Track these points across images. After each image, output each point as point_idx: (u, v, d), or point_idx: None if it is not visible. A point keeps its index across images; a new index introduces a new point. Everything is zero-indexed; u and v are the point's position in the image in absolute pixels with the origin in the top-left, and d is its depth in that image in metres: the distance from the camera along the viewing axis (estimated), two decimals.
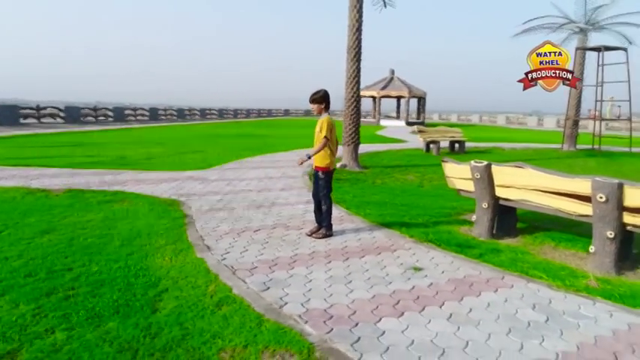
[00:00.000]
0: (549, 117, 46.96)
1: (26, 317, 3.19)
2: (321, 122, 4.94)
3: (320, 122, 4.95)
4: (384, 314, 3.21)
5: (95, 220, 5.76)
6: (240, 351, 2.76)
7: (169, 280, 3.87)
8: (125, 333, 2.99)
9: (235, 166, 10.85)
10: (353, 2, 10.85)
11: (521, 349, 2.76)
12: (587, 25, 17.50)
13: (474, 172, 5.32)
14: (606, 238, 4.29)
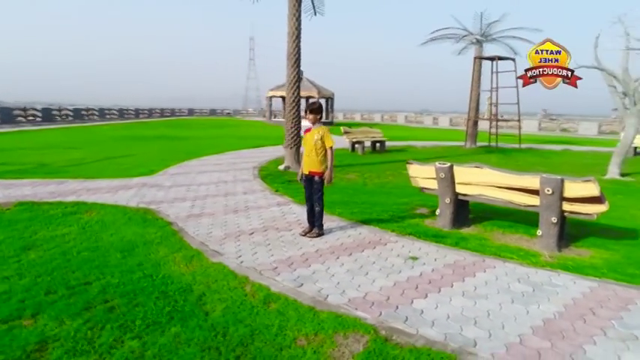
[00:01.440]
0: (444, 116, 51.47)
1: (82, 331, 3.26)
2: (322, 132, 5.38)
3: (321, 132, 5.39)
4: (412, 297, 3.82)
5: (73, 233, 5.60)
6: (314, 337, 3.18)
7: (201, 285, 4.09)
8: (195, 335, 3.23)
9: (180, 171, 10.73)
10: (292, 11, 11.32)
11: (528, 313, 3.54)
12: (482, 37, 19.87)
13: (439, 172, 6.16)
14: (551, 223, 5.35)
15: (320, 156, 5.40)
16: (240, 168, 11.56)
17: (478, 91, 20.17)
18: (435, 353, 2.93)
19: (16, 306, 3.62)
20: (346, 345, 3.06)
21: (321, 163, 5.43)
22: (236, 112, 77.01)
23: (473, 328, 3.29)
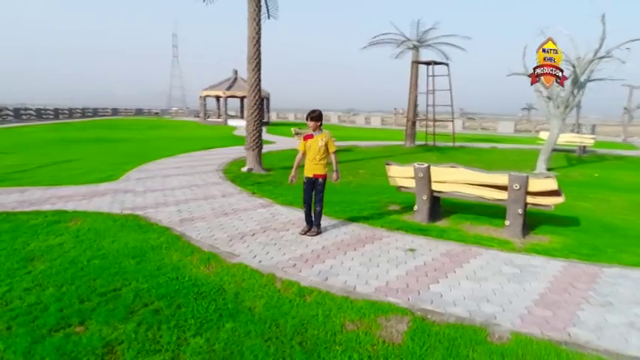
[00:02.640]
0: (375, 116, 53.46)
1: (141, 333, 3.43)
2: (326, 138, 5.77)
3: (325, 138, 5.78)
4: (426, 283, 4.37)
5: (69, 242, 5.53)
6: (359, 321, 3.62)
7: (232, 285, 4.35)
8: (250, 328, 3.53)
9: (143, 176, 10.54)
10: (252, 15, 11.51)
11: (525, 290, 4.23)
12: (418, 43, 21.20)
13: (418, 172, 6.81)
14: (517, 214, 6.19)
15: (324, 160, 5.80)
16: (204, 171, 11.56)
17: (416, 93, 21.47)
18: (468, 327, 3.49)
19: (58, 315, 3.67)
20: (391, 326, 3.53)
21: (325, 167, 5.83)
22: (164, 111, 74.30)
23: (488, 304, 3.90)
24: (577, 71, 12.34)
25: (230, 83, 43.46)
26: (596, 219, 7.73)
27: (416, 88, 21.37)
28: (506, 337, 3.35)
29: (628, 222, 7.67)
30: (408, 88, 21.46)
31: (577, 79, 12.51)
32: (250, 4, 11.47)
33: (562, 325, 3.56)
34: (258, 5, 11.51)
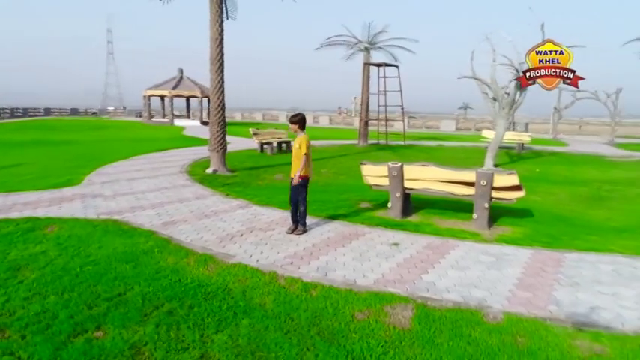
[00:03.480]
0: (324, 116, 54.11)
1: (163, 333, 3.54)
2: (300, 141, 5.99)
3: (299, 141, 6.00)
4: (418, 273, 4.76)
5: (53, 250, 5.41)
6: (368, 310, 3.92)
7: (236, 284, 4.50)
8: (267, 323, 3.74)
9: (106, 180, 10.24)
10: (215, 17, 11.49)
11: (504, 276, 4.72)
12: (370, 45, 21.88)
13: (392, 171, 7.23)
14: (484, 208, 6.77)
15: (300, 161, 6.04)
16: (168, 173, 11.40)
17: (368, 94, 22.14)
18: (465, 310, 3.89)
19: (71, 321, 3.67)
20: (397, 313, 3.87)
21: (305, 168, 6.07)
22: (102, 111, 70.74)
23: (476, 290, 4.34)
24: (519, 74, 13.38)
25: (175, 82, 42.33)
26: (546, 210, 8.53)
27: (368, 89, 22.03)
28: (500, 317, 3.78)
29: (574, 212, 8.54)
30: (361, 89, 22.09)
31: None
32: (212, 5, 11.44)
33: (543, 303, 4.06)
34: (220, 7, 11.51)
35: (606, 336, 3.51)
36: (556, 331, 3.56)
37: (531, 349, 3.34)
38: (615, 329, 3.61)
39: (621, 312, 3.92)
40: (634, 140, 32.41)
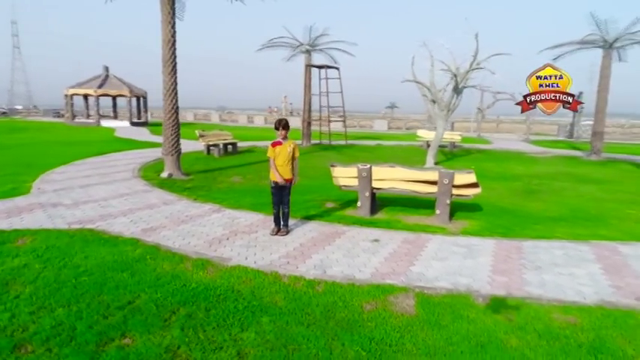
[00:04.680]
0: (259, 116, 53.85)
1: (191, 336, 3.71)
2: (292, 146, 6.26)
3: (291, 146, 6.27)
4: (406, 266, 5.24)
5: (36, 262, 5.25)
6: (374, 300, 4.33)
7: (242, 285, 4.71)
8: (286, 319, 4.02)
9: (59, 187, 9.72)
10: (167, 18, 11.30)
11: (480, 264, 5.35)
12: (311, 47, 22.34)
13: (361, 172, 7.70)
14: (446, 204, 7.45)
15: (290, 165, 6.31)
16: (121, 178, 11.04)
17: (310, 95, 22.59)
18: (458, 295, 4.43)
19: (93, 331, 3.71)
20: (401, 302, 4.31)
21: (291, 171, 6.35)
22: (13, 110, 64.84)
23: (460, 277, 4.91)
24: (457, 80, 14.52)
25: (101, 81, 40.06)
26: (492, 204, 9.46)
27: (310, 90, 22.48)
28: (489, 299, 4.36)
29: (514, 205, 9.54)
30: (303, 90, 22.48)
31: (457, 86, 14.72)
32: (164, 7, 11.24)
33: (518, 285, 4.71)
34: (172, 8, 11.34)
35: (574, 309, 4.20)
36: (536, 308, 4.19)
37: (520, 324, 3.92)
38: (580, 303, 4.32)
39: (581, 289, 4.66)
40: (544, 137, 35.95)
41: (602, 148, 19.27)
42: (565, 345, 3.59)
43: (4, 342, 3.52)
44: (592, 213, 8.82)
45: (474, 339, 3.67)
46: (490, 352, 3.49)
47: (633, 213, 8.89)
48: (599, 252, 5.91)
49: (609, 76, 18.93)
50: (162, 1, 11.26)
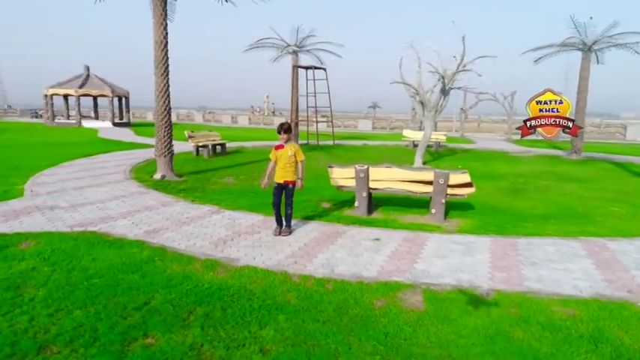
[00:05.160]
0: (243, 116, 53.67)
1: (212, 334, 3.82)
2: (295, 148, 6.40)
3: (294, 148, 6.41)
4: (410, 264, 5.43)
5: (43, 265, 5.27)
6: (383, 297, 4.50)
7: (254, 285, 4.83)
8: (302, 316, 4.16)
9: (51, 190, 9.63)
10: (159, 20, 11.29)
11: (478, 260, 5.58)
12: (298, 48, 22.47)
13: (359, 173, 7.88)
14: (441, 203, 7.69)
15: (293, 168, 6.44)
16: (114, 180, 10.99)
17: (297, 95, 22.70)
18: (463, 290, 4.64)
19: (115, 332, 3.79)
20: (409, 298, 4.50)
21: (294, 173, 6.48)
22: None
23: (463, 274, 5.12)
24: (445, 81, 14.85)
25: (82, 81, 39.42)
26: (482, 203, 9.74)
27: (297, 91, 22.59)
28: (491, 294, 4.58)
29: (503, 204, 9.85)
30: (290, 91, 22.58)
31: (445, 87, 15.04)
32: (156, 9, 11.23)
33: (517, 281, 4.95)
34: (164, 9, 11.33)
35: (572, 302, 4.45)
36: (537, 301, 4.43)
37: (523, 317, 4.15)
38: (577, 296, 4.58)
39: (576, 283, 4.93)
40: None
41: (582, 147, 19.89)
42: (567, 335, 3.83)
43: (29, 344, 3.57)
44: (578, 211, 9.17)
45: (482, 331, 3.87)
46: (499, 343, 3.69)
47: (616, 210, 9.28)
48: (590, 248, 6.21)
49: (588, 77, 19.55)
50: (154, 4, 11.25)
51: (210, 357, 3.48)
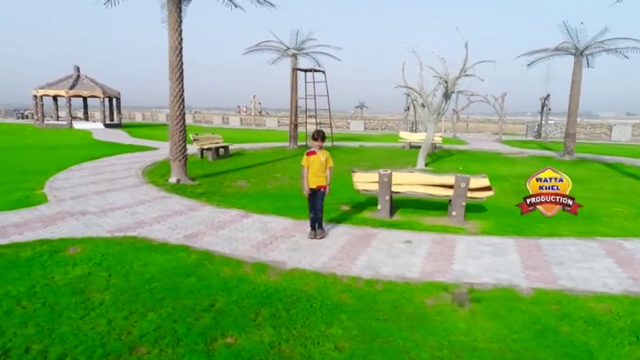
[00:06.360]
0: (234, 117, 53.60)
1: (286, 333, 4.10)
2: (326, 155, 6.70)
3: (325, 154, 6.70)
4: (447, 264, 5.78)
5: (98, 270, 5.48)
6: (433, 297, 4.83)
7: (307, 287, 5.10)
8: (363, 315, 4.46)
9: (75, 194, 9.75)
10: (174, 25, 11.45)
11: (510, 260, 5.95)
12: (297, 51, 22.71)
13: (383, 177, 8.21)
14: (461, 206, 8.07)
15: (324, 173, 6.74)
16: (131, 185, 11.13)
17: (296, 98, 22.96)
18: (504, 289, 5.00)
19: (194, 333, 4.04)
20: (457, 297, 4.83)
21: (325, 179, 6.78)
22: None
23: (499, 274, 5.49)
24: (448, 85, 15.28)
25: (72, 81, 39.02)
26: (492, 204, 10.16)
27: (297, 93, 22.85)
28: (530, 292, 4.95)
29: (512, 205, 10.27)
30: (290, 93, 22.82)
31: (447, 92, 15.48)
32: (171, 15, 11.39)
33: (551, 279, 5.33)
34: (179, 16, 11.50)
35: (606, 298, 4.84)
36: (575, 298, 4.81)
37: (566, 312, 4.52)
38: (608, 293, 4.97)
39: (605, 281, 5.33)
40: (513, 137, 37.72)
41: (574, 148, 20.56)
42: (609, 329, 4.20)
43: (118, 345, 3.80)
44: (584, 211, 9.62)
45: (532, 327, 4.23)
46: (550, 337, 4.05)
47: (619, 211, 9.79)
48: (607, 248, 6.64)
49: (580, 81, 20.24)
50: (169, 10, 11.40)
51: (290, 354, 3.76)
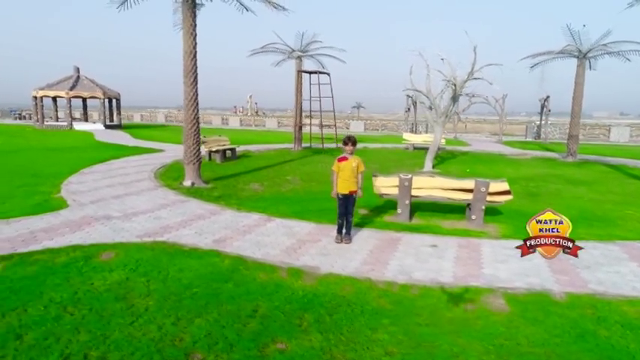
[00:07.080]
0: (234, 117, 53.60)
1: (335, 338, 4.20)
2: (358, 160, 6.81)
3: (356, 160, 6.82)
4: (478, 270, 5.89)
5: (135, 276, 5.55)
6: (470, 302, 4.94)
7: (344, 291, 5.21)
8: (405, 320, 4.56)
9: (92, 199, 9.80)
10: (189, 30, 11.52)
11: (536, 265, 6.07)
12: (302, 53, 22.81)
13: (403, 182, 8.32)
14: (481, 210, 8.20)
15: (356, 179, 6.85)
16: (146, 188, 11.19)
17: (301, 99, 23.05)
18: (537, 293, 5.12)
19: (244, 339, 4.13)
20: (493, 301, 4.95)
21: (356, 184, 6.89)
22: None
23: (529, 278, 5.61)
24: (456, 88, 15.43)
25: (73, 82, 38.91)
26: (507, 208, 10.28)
27: (301, 95, 22.94)
28: (564, 296, 5.07)
29: (526, 208, 10.41)
30: (294, 95, 22.91)
31: (455, 95, 15.63)
32: (186, 20, 11.46)
33: (581, 283, 5.46)
34: (194, 20, 11.57)
35: (638, 302, 4.97)
36: (608, 302, 4.94)
37: (601, 316, 4.65)
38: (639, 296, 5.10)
39: (634, 285, 5.47)
40: (513, 138, 38.02)
41: (577, 149, 20.79)
42: None
43: (174, 351, 3.89)
44: (597, 214, 9.81)
45: (571, 331, 4.36)
46: (590, 341, 4.18)
47: (631, 213, 9.96)
48: (629, 251, 6.79)
49: (583, 83, 20.46)
50: (184, 15, 11.47)
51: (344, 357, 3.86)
